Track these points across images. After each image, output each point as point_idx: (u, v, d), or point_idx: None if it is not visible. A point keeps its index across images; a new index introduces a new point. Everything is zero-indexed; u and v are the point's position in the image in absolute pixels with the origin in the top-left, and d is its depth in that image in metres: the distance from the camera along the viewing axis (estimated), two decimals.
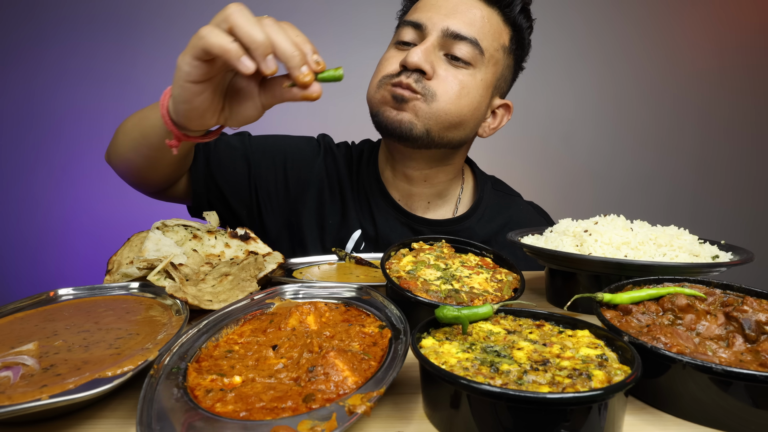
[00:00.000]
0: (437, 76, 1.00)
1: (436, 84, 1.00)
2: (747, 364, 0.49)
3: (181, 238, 0.88)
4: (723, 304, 0.57)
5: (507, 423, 0.41)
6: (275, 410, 0.42)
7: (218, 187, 1.14)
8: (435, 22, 1.00)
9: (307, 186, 1.19)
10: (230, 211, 1.18)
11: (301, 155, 1.21)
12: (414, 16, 1.03)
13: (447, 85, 1.00)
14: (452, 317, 0.53)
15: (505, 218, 1.23)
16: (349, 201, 1.19)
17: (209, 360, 0.53)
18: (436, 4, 1.03)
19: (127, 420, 0.47)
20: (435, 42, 1.00)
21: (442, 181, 1.18)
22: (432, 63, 1.00)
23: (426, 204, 1.20)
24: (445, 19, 1.00)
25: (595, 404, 0.40)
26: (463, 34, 1.00)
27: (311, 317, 0.61)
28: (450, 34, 1.00)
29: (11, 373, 0.47)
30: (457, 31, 0.99)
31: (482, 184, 1.26)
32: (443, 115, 1.01)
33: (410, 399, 0.51)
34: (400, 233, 1.16)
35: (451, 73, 1.01)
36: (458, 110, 1.02)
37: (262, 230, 1.20)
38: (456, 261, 0.80)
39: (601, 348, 0.49)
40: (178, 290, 0.68)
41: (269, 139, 1.23)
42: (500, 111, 1.16)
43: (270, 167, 1.18)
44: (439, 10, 1.01)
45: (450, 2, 1.02)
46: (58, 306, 0.68)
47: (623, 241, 0.79)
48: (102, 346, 0.54)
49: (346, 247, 1.18)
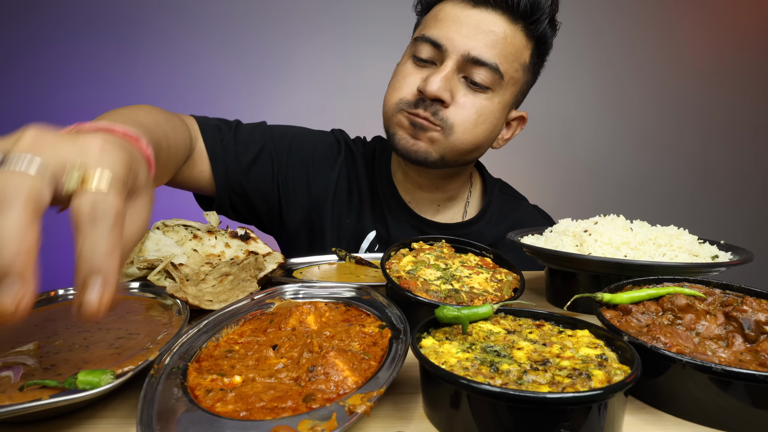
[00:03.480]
0: (455, 102, 1.00)
1: (454, 112, 0.99)
2: (746, 363, 0.49)
3: (181, 237, 0.88)
4: (722, 304, 0.57)
5: (507, 423, 0.41)
6: (275, 410, 0.42)
7: (242, 186, 1.13)
8: (456, 44, 0.97)
9: (329, 184, 1.18)
10: (250, 207, 1.17)
11: (324, 154, 1.20)
12: (434, 33, 1.00)
13: (465, 113, 1.00)
14: (452, 317, 0.53)
15: (511, 221, 1.24)
16: (365, 201, 1.19)
17: (209, 360, 0.53)
18: (457, 20, 0.99)
19: (127, 420, 0.47)
20: (454, 67, 0.98)
21: (452, 188, 1.20)
22: (451, 90, 0.98)
23: (436, 207, 1.21)
24: (466, 41, 0.97)
25: (595, 404, 0.40)
26: (483, 59, 0.97)
27: (311, 317, 0.61)
28: (470, 59, 0.97)
29: (12, 372, 0.47)
30: (477, 57, 0.97)
31: (491, 187, 1.26)
32: (460, 145, 1.02)
33: (410, 399, 0.51)
34: (410, 236, 1.16)
35: (470, 99, 1.00)
36: (474, 138, 1.03)
37: (280, 226, 1.21)
38: (456, 261, 0.80)
39: (601, 348, 0.49)
40: (178, 290, 0.68)
41: (290, 135, 1.20)
42: (514, 122, 1.16)
43: (294, 166, 1.17)
44: (459, 29, 0.98)
45: (472, 18, 0.98)
46: (59, 306, 0.68)
47: (623, 241, 0.79)
48: (102, 345, 0.54)
49: (361, 247, 1.19)
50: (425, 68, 1.01)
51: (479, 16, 0.98)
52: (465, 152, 1.05)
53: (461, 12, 0.99)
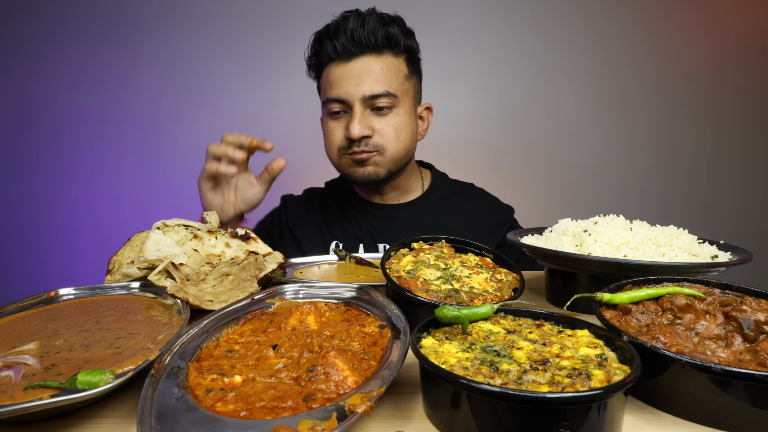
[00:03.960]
0: (375, 131, 1.26)
1: (378, 138, 1.27)
2: (746, 363, 0.49)
3: (181, 238, 0.88)
4: (722, 303, 0.57)
5: (507, 422, 0.41)
6: (275, 410, 0.42)
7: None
8: (352, 94, 1.24)
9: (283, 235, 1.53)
10: None
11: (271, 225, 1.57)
12: (334, 93, 1.26)
13: (386, 134, 1.27)
14: (452, 317, 0.53)
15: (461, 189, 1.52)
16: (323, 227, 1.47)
17: (210, 359, 0.53)
18: (343, 76, 1.25)
19: (127, 420, 0.47)
20: (360, 108, 1.24)
21: (403, 182, 1.46)
22: (368, 125, 1.25)
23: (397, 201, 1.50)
24: (358, 88, 1.23)
25: (595, 404, 0.40)
26: (377, 93, 1.23)
27: (311, 317, 0.61)
28: (368, 97, 1.23)
29: (13, 372, 0.47)
30: (371, 93, 1.23)
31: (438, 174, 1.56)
32: (395, 155, 1.30)
33: (410, 399, 0.51)
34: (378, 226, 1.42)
35: (383, 122, 1.27)
36: (403, 146, 1.31)
37: None
38: (456, 261, 0.80)
39: (601, 348, 0.49)
40: (179, 290, 0.68)
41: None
42: (425, 113, 1.42)
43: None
44: (349, 82, 1.24)
45: (352, 70, 1.24)
46: (59, 306, 0.68)
47: (623, 241, 0.79)
48: (103, 345, 0.54)
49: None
50: (341, 119, 1.29)
51: (355, 65, 1.24)
52: (401, 158, 1.32)
53: (344, 69, 1.25)
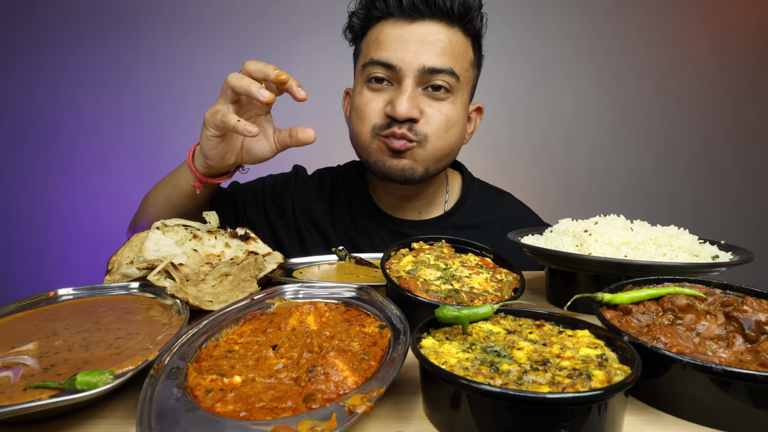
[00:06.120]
0: (424, 114, 1.03)
1: (425, 124, 1.03)
2: (747, 364, 0.49)
3: (181, 238, 0.88)
4: (723, 304, 0.57)
5: (507, 423, 0.41)
6: (275, 410, 0.42)
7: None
8: (409, 62, 0.99)
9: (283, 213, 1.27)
10: None
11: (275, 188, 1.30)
12: (383, 56, 1.01)
13: (435, 122, 1.04)
14: (452, 317, 0.53)
15: (494, 214, 1.26)
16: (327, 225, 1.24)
17: (209, 360, 0.53)
18: (401, 38, 1.00)
19: (127, 420, 0.47)
20: (413, 84, 1.01)
21: (430, 193, 1.22)
22: (418, 106, 1.02)
23: (417, 214, 1.24)
24: (417, 56, 0.99)
25: (595, 404, 0.40)
26: (439, 67, 1.00)
27: (311, 317, 0.61)
28: (427, 70, 1.00)
29: (11, 373, 0.47)
30: (432, 66, 1.00)
31: (469, 182, 1.29)
32: (437, 152, 1.07)
33: (410, 399, 0.51)
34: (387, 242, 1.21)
35: (436, 108, 1.04)
36: (449, 143, 1.08)
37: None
38: (456, 261, 0.80)
39: (601, 348, 0.49)
40: (179, 290, 0.68)
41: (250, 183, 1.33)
42: (474, 114, 1.21)
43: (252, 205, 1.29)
44: (407, 46, 1.00)
45: (415, 34, 1.00)
46: (58, 306, 0.68)
47: (623, 241, 0.79)
48: (102, 346, 0.54)
49: None
50: (382, 91, 1.04)
51: (421, 29, 1.00)
52: (442, 157, 1.09)
53: (402, 30, 1.01)
